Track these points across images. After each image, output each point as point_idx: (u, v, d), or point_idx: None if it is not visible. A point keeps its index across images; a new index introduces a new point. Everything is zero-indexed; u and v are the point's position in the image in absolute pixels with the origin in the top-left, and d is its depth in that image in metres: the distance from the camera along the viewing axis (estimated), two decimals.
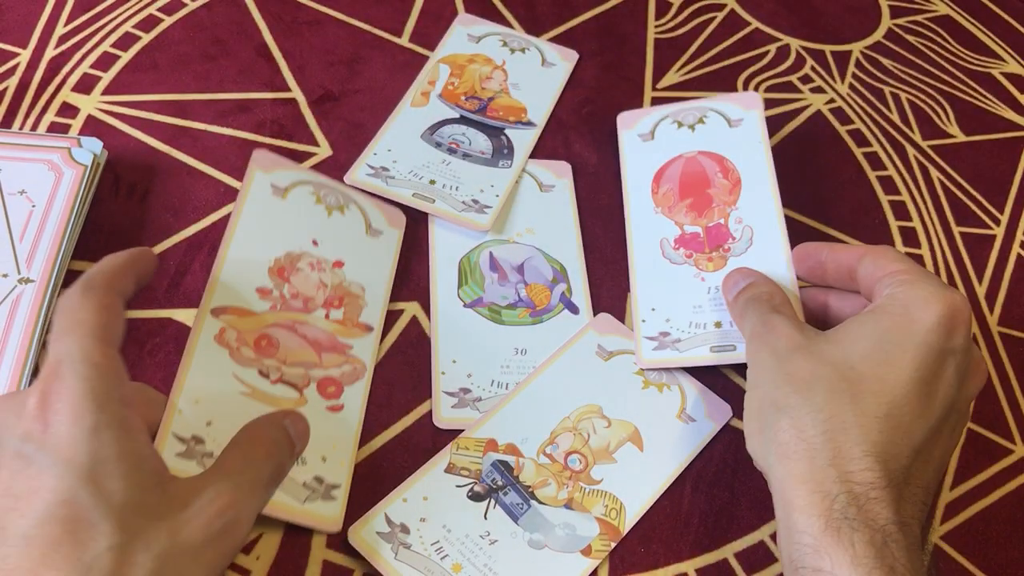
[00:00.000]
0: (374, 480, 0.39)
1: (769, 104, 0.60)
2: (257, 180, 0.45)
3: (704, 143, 0.53)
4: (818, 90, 0.61)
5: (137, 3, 0.57)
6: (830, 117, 0.60)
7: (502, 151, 0.53)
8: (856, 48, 0.65)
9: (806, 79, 0.62)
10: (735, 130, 0.53)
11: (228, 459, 0.33)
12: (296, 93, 0.54)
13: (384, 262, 0.46)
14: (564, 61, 0.59)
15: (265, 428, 0.35)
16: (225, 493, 0.31)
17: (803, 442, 0.35)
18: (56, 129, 0.49)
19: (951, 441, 0.38)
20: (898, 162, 0.58)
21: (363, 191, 0.48)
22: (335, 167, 0.50)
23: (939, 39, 0.67)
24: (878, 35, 0.67)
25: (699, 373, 0.45)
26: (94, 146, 0.46)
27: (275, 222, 0.44)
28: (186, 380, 0.39)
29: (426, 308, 0.46)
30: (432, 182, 0.50)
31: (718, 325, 0.46)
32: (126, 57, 0.54)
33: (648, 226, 0.50)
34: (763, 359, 0.39)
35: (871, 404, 0.35)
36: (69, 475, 0.27)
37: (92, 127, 0.50)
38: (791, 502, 0.34)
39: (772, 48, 0.64)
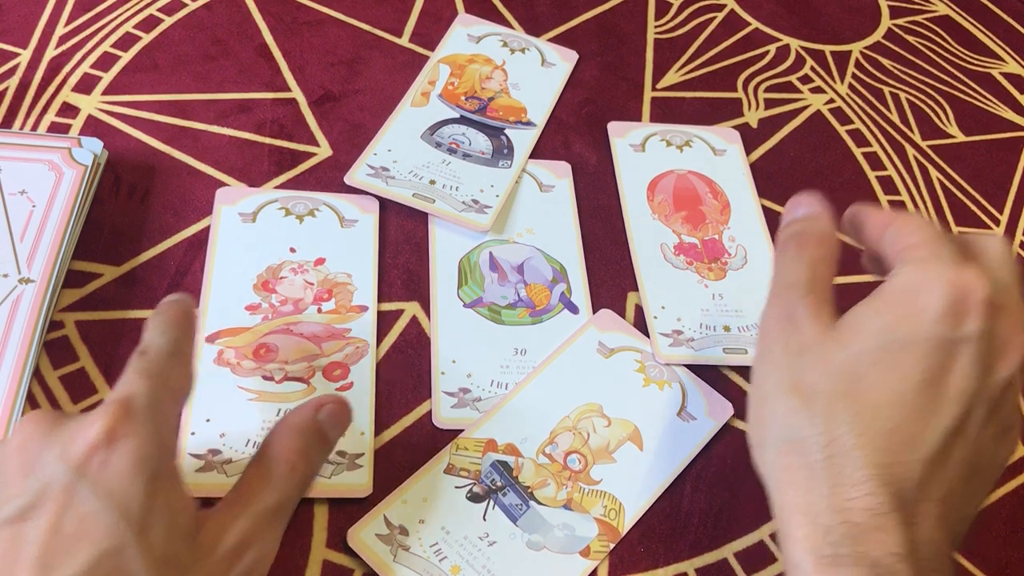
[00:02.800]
0: (373, 481, 0.39)
1: (769, 104, 0.60)
2: (224, 214, 0.47)
3: (693, 165, 0.54)
4: (818, 90, 0.61)
5: (137, 3, 0.57)
6: (830, 117, 0.60)
7: (502, 151, 0.53)
8: (856, 48, 0.65)
9: (806, 79, 0.62)
10: (719, 159, 0.55)
11: (248, 482, 0.32)
12: (296, 93, 0.54)
13: (365, 246, 0.47)
14: (564, 61, 0.59)
15: (291, 437, 0.34)
16: (246, 531, 0.31)
17: (804, 468, 0.32)
18: (56, 129, 0.49)
19: (988, 439, 0.33)
20: (898, 162, 0.58)
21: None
22: (335, 167, 0.50)
23: (939, 39, 0.67)
24: (878, 35, 0.67)
25: (700, 371, 0.45)
26: (94, 146, 0.46)
27: (250, 244, 0.46)
28: (193, 406, 0.40)
29: (426, 308, 0.46)
30: (432, 182, 0.50)
31: (727, 329, 0.46)
32: (126, 57, 0.54)
33: (647, 231, 0.51)
34: (774, 357, 0.35)
35: (875, 419, 0.32)
36: (122, 525, 0.28)
37: (92, 127, 0.50)
38: (789, 533, 0.32)
39: (772, 48, 0.64)
